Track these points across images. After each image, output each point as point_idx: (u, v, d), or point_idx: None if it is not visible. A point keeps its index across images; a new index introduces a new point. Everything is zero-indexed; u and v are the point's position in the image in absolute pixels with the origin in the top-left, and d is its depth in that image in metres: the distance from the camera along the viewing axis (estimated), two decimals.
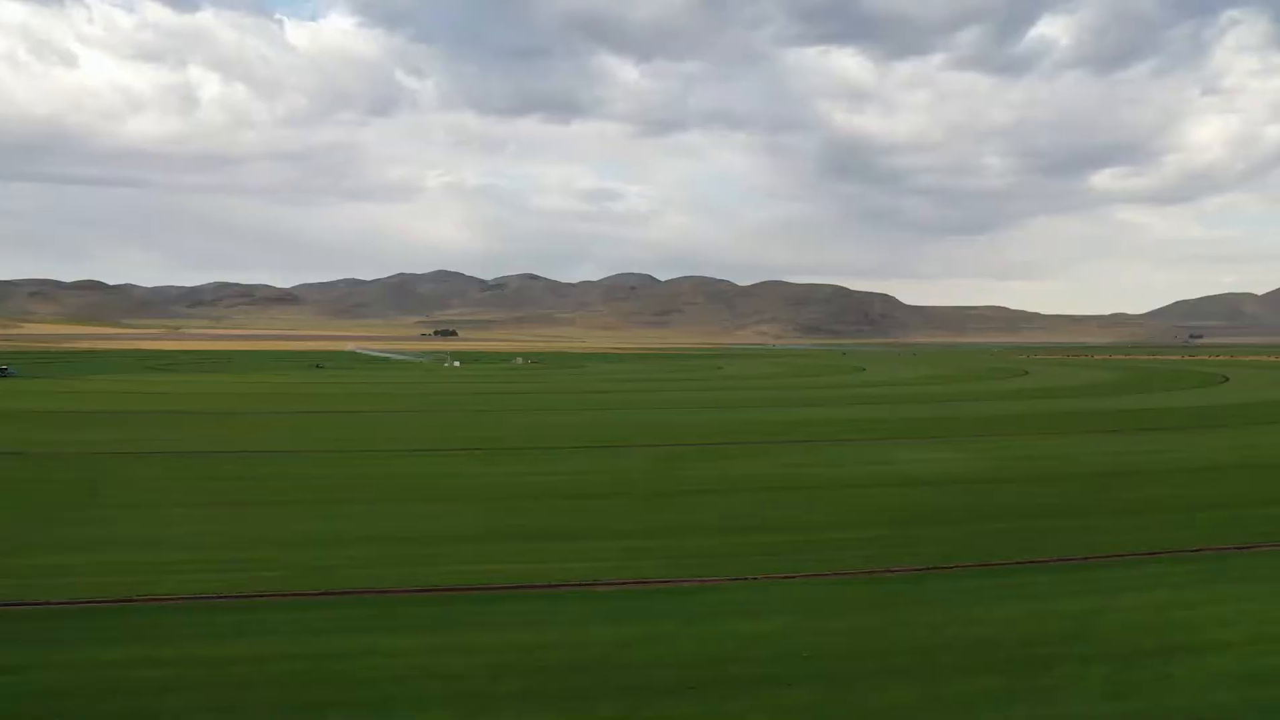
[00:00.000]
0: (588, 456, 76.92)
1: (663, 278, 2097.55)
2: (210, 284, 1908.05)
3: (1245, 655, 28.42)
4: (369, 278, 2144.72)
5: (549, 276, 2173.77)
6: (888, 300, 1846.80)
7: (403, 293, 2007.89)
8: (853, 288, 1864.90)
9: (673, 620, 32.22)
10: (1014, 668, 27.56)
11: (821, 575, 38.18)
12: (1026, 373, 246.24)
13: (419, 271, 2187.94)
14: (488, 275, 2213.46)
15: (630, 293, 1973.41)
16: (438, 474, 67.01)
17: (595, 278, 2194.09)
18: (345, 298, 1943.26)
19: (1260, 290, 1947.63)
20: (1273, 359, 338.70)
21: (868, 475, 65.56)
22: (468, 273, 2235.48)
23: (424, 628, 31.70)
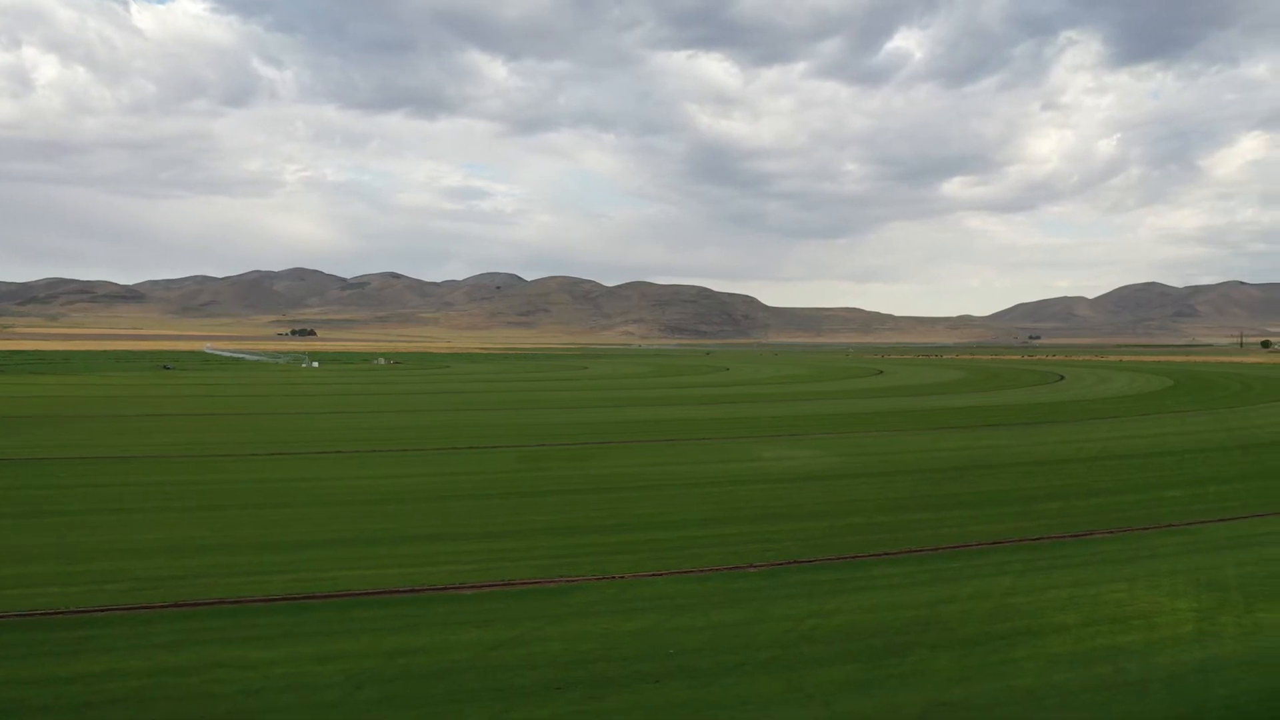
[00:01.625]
0: (451, 458, 75.70)
1: (529, 277, 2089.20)
2: (44, 280, 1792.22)
3: (1080, 637, 30.20)
4: (221, 275, 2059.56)
5: (412, 275, 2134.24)
6: (750, 302, 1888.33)
7: (257, 291, 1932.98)
8: (717, 289, 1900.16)
9: (540, 621, 32.00)
10: (870, 656, 28.50)
11: (685, 572, 38.61)
12: (881, 372, 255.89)
13: (275, 269, 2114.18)
14: (348, 273, 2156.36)
15: (496, 292, 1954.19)
16: (294, 478, 64.71)
17: (460, 277, 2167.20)
18: (195, 295, 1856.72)
19: (1091, 294, 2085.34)
20: (1101, 358, 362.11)
21: (729, 473, 66.74)
22: (327, 270, 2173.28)
23: (279, 638, 30.47)
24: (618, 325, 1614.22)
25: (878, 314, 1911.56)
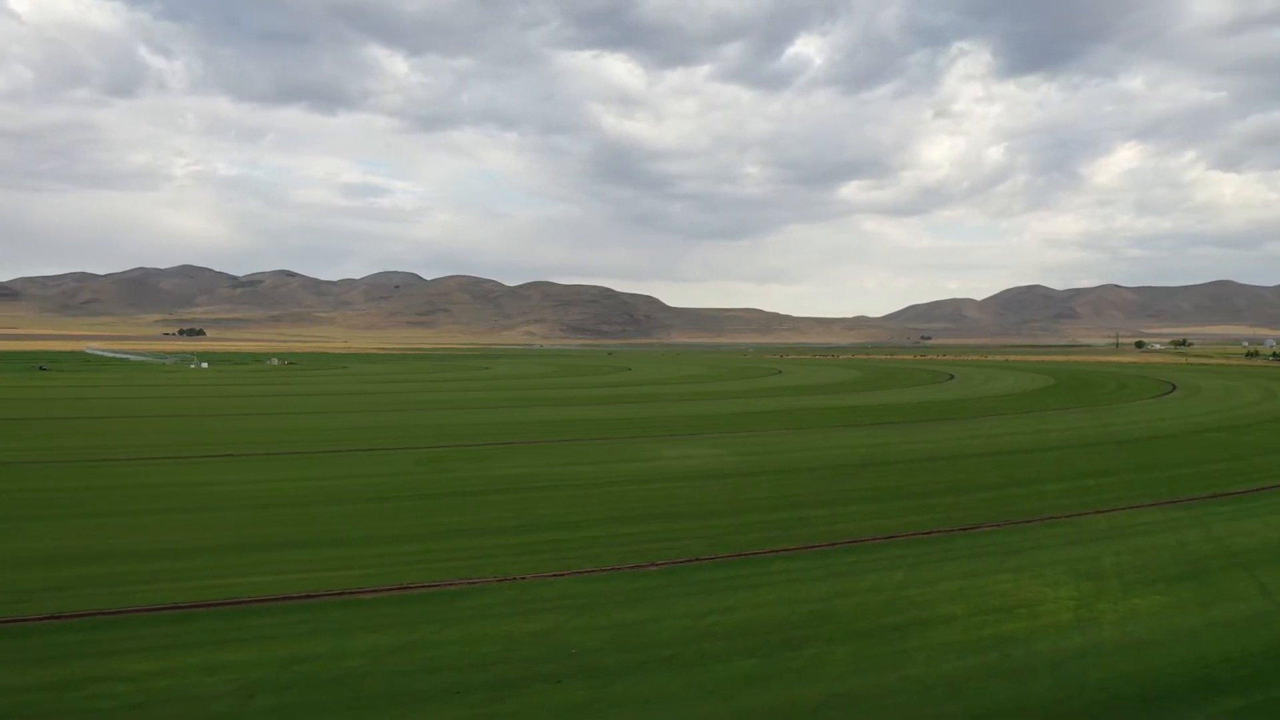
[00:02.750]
0: (348, 460, 74.05)
1: (429, 276, 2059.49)
2: None
3: (969, 626, 31.25)
4: (103, 272, 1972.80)
5: (307, 274, 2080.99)
6: (652, 302, 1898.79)
7: (142, 289, 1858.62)
8: (619, 289, 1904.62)
9: (438, 625, 31.55)
10: (769, 650, 28.94)
11: (587, 572, 38.59)
12: (779, 371, 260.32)
13: (161, 266, 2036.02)
14: (240, 271, 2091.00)
15: (395, 292, 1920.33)
16: (181, 482, 62.36)
17: (358, 276, 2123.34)
18: (74, 293, 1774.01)
19: (979, 296, 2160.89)
20: (987, 358, 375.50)
21: (631, 472, 66.98)
22: (217, 268, 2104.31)
23: (164, 649, 29.30)
24: (519, 325, 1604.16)
25: (777, 314, 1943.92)
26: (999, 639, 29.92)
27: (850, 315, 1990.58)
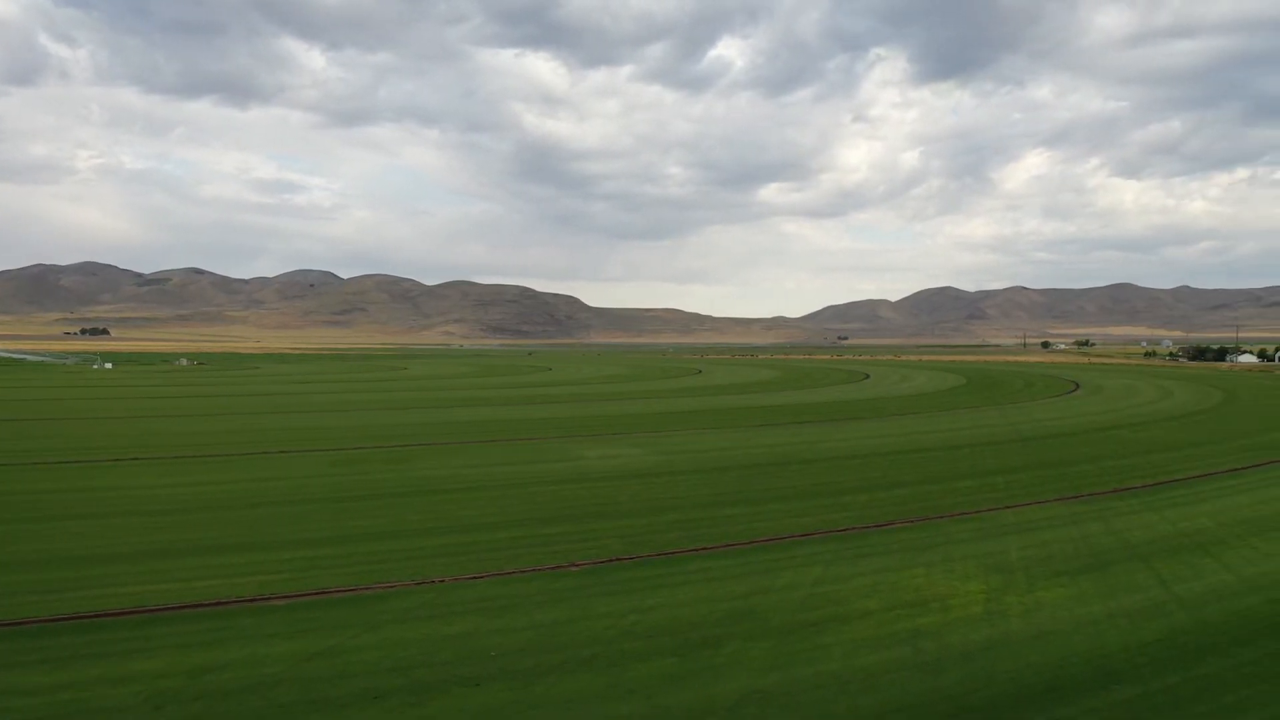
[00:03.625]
0: (261, 463, 72.32)
1: (345, 275, 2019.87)
2: None
3: (883, 621, 31.97)
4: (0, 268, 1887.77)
5: (218, 271, 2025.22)
6: (573, 302, 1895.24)
7: (41, 286, 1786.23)
8: (540, 289, 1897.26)
9: (356, 629, 31.05)
10: (688, 648, 29.19)
11: (508, 573, 38.40)
12: (700, 371, 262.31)
13: (61, 262, 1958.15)
14: (146, 268, 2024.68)
15: (309, 290, 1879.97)
16: (83, 487, 60.16)
17: (271, 274, 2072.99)
18: None
19: (894, 297, 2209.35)
20: (900, 358, 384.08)
21: (552, 473, 66.81)
22: (122, 265, 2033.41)
23: (66, 660, 28.27)
24: (438, 325, 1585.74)
25: (697, 315, 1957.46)
26: (912, 633, 30.67)
27: (769, 316, 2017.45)
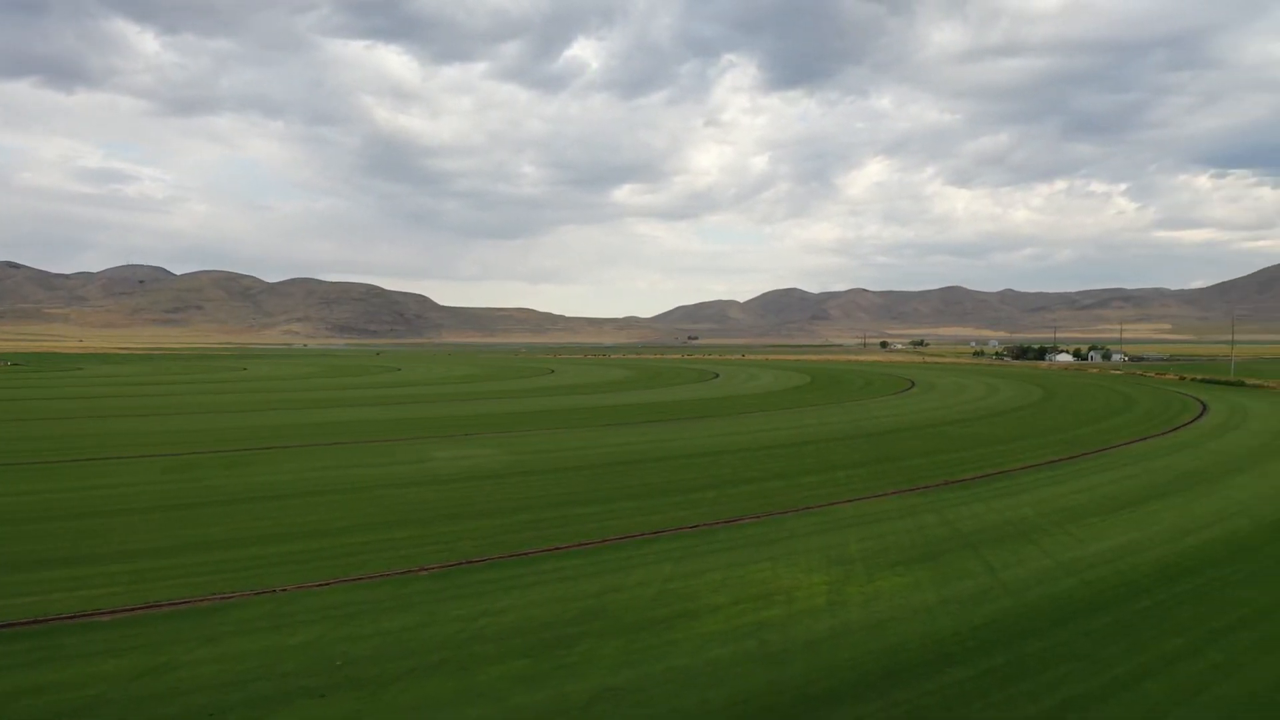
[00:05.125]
0: (86, 470, 67.91)
1: (179, 271, 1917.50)
2: None
3: (731, 615, 32.71)
4: None
5: (36, 266, 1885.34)
6: (423, 301, 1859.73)
7: None
8: (388, 288, 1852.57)
9: (190, 644, 29.55)
10: (541, 649, 29.11)
11: (354, 580, 37.35)
12: (552, 371, 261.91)
13: None
14: None
15: (139, 287, 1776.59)
16: None
17: (96, 269, 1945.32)
18: None
19: (743, 298, 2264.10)
20: (747, 357, 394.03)
21: (401, 475, 65.38)
22: None
23: None
24: (280, 324, 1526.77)
25: (550, 314, 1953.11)
26: (759, 625, 31.50)
27: (621, 316, 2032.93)
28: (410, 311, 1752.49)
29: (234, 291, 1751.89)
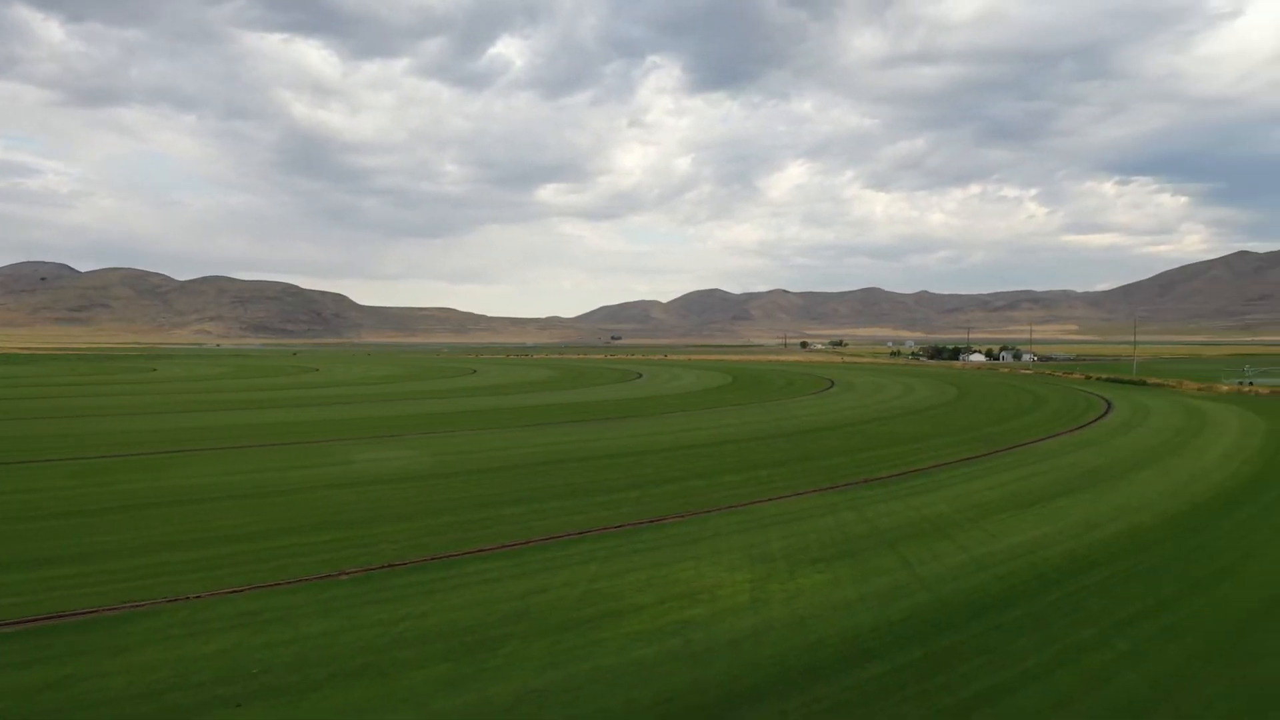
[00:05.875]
0: None
1: (83, 268, 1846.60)
2: None
3: (656, 614, 32.87)
4: None
5: None
6: (342, 300, 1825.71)
7: None
8: (306, 286, 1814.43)
9: (98, 655, 28.57)
10: (464, 652, 28.86)
11: (272, 585, 36.52)
12: (475, 371, 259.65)
13: None
14: None
15: (40, 284, 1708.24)
16: None
17: None
18: None
19: (666, 299, 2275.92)
20: (669, 358, 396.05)
21: (320, 477, 64.13)
22: None
23: None
24: (192, 323, 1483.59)
25: (472, 314, 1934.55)
26: (683, 624, 31.72)
27: (544, 315, 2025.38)
28: (328, 311, 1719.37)
29: (142, 290, 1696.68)
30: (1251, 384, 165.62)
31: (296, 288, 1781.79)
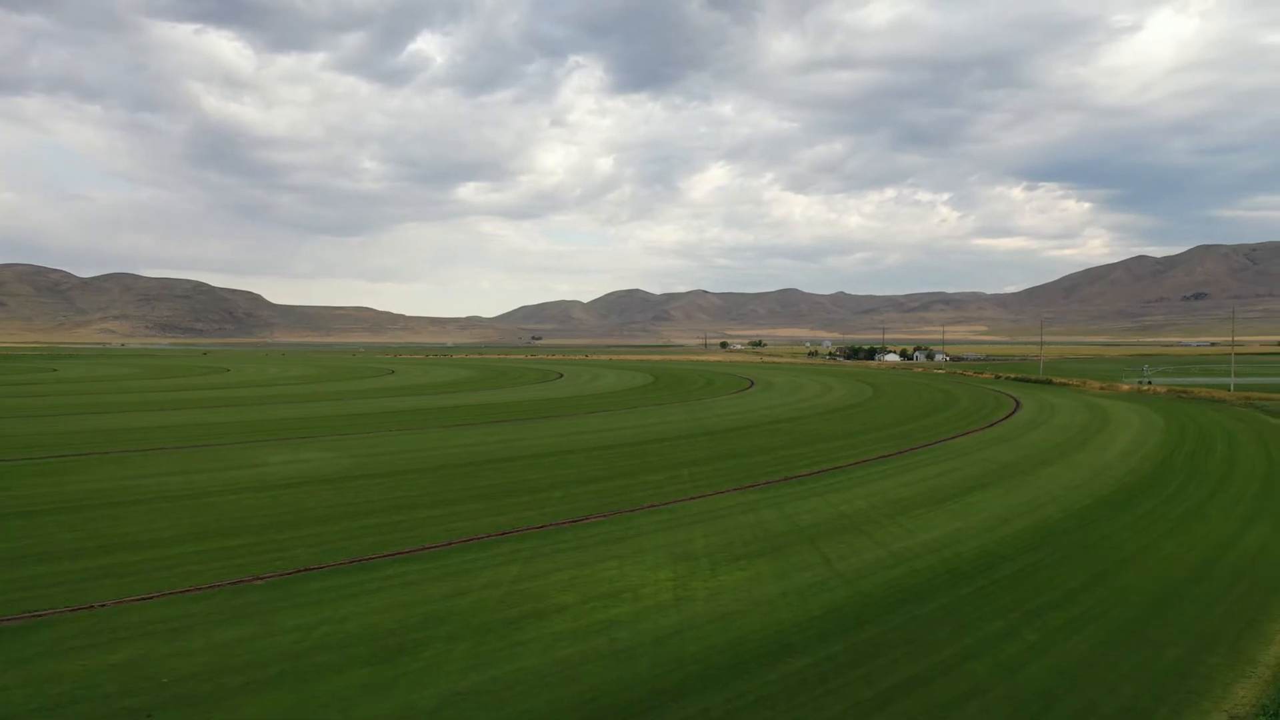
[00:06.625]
0: None
1: None
2: None
3: (580, 614, 32.76)
4: None
5: None
6: (254, 299, 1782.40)
7: None
8: (217, 284, 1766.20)
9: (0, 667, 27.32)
10: (385, 656, 28.36)
11: (182, 592, 35.40)
12: (393, 372, 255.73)
13: None
14: None
15: None
16: None
17: None
18: None
19: (586, 299, 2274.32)
20: (590, 357, 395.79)
21: (233, 481, 62.42)
22: None
23: None
24: (95, 322, 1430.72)
25: (390, 314, 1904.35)
26: (608, 623, 31.68)
27: (464, 315, 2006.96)
28: (240, 310, 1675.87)
29: (42, 287, 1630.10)
30: (1150, 383, 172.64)
31: (207, 286, 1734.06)
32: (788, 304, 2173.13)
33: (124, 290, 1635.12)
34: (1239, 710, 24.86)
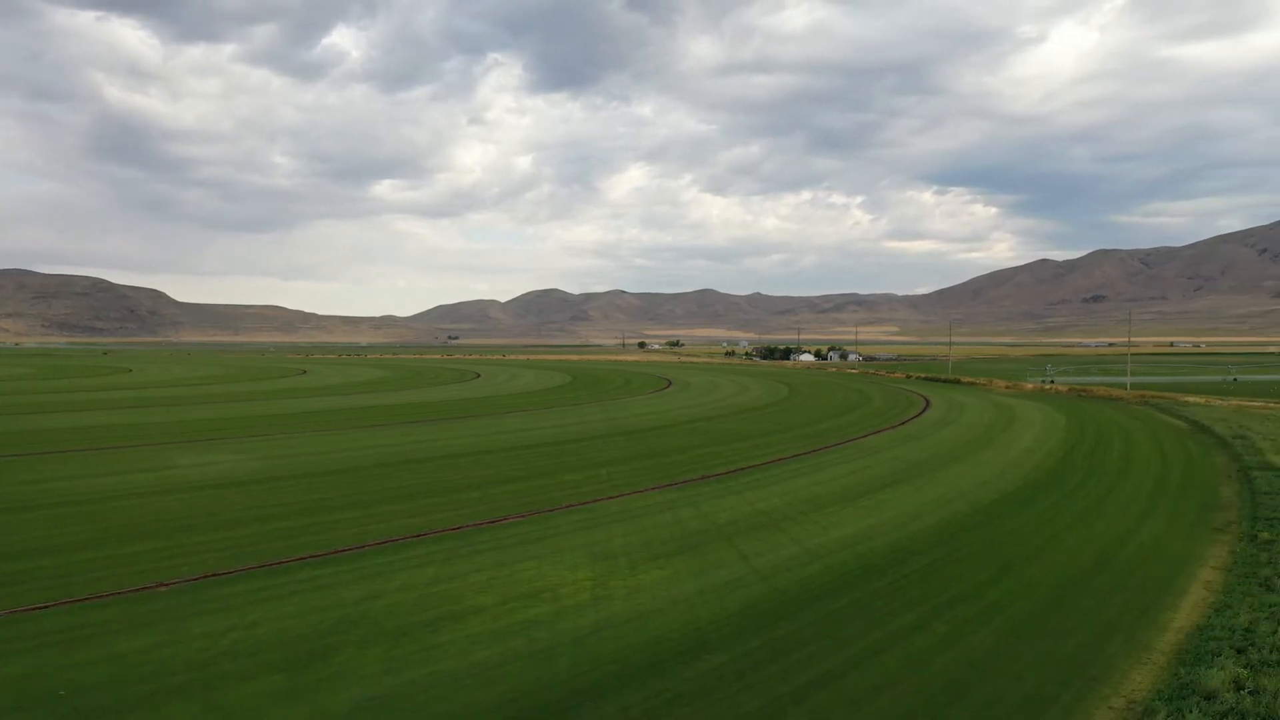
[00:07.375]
0: None
1: None
2: None
3: (498, 615, 32.49)
4: None
5: None
6: (159, 296, 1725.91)
7: None
8: (118, 281, 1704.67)
9: None
10: (297, 663, 27.70)
11: (80, 600, 34.04)
12: (304, 372, 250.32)
13: None
14: None
15: None
16: None
17: None
18: None
19: (504, 298, 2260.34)
20: (507, 357, 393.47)
21: (136, 484, 60.29)
22: None
23: None
24: None
25: (301, 313, 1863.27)
26: (526, 624, 31.48)
27: (379, 315, 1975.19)
28: (143, 308, 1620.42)
29: None
30: (1053, 382, 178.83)
31: (107, 283, 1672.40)
32: (705, 304, 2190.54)
33: (18, 288, 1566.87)
34: (1136, 695, 25.86)
